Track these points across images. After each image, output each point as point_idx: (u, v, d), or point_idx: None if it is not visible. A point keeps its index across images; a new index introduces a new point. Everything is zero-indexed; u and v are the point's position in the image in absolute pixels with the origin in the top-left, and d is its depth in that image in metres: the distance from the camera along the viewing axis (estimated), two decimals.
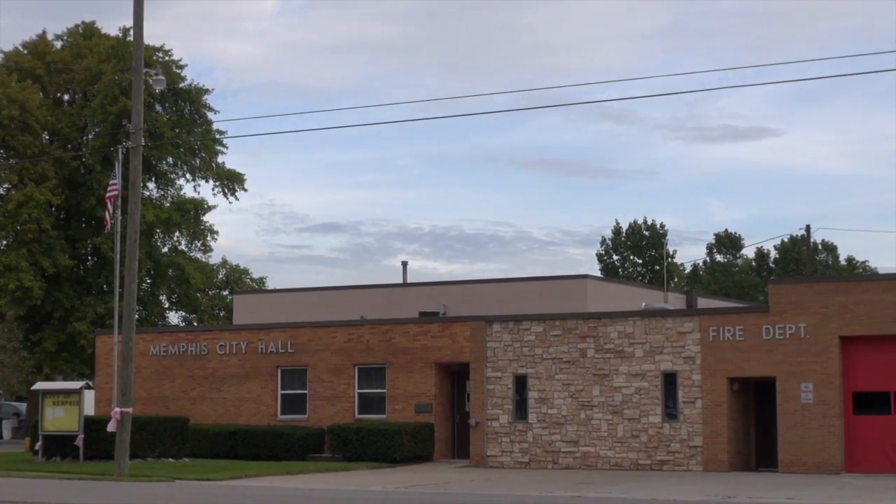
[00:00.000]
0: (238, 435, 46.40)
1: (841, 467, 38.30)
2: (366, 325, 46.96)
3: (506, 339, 43.39)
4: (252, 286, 79.14)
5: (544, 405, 42.61)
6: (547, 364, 42.66)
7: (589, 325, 42.26)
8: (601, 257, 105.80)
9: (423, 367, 45.27)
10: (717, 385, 40.19)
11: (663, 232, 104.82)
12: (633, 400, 41.29)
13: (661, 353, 41.05)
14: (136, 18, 39.47)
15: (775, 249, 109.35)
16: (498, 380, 43.39)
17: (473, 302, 50.79)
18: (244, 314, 57.27)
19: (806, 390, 38.90)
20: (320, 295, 56.54)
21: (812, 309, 39.10)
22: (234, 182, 72.50)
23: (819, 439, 38.60)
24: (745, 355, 39.86)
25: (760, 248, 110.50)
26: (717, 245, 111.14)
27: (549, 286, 51.35)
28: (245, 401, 48.32)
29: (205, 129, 71.31)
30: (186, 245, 74.32)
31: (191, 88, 70.70)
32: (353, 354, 46.62)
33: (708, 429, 40.13)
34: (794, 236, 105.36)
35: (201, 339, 49.73)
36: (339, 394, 46.64)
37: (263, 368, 48.12)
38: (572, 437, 42.08)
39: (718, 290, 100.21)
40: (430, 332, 45.43)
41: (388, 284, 58.19)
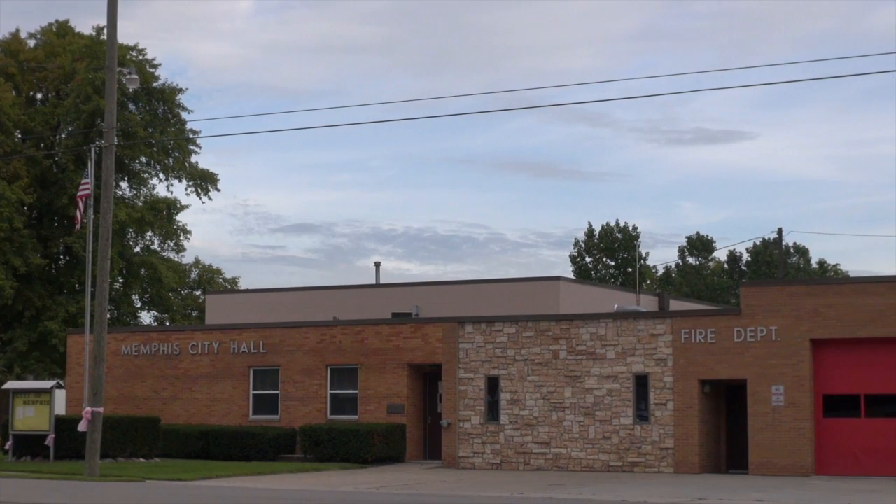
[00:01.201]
0: (209, 435, 46.32)
1: (811, 470, 38.46)
2: (338, 326, 46.93)
3: (478, 341, 43.44)
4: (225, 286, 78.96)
5: (516, 406, 42.67)
6: (519, 365, 42.73)
7: (561, 326, 42.34)
8: (574, 259, 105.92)
9: (395, 367, 45.27)
10: (688, 387, 40.32)
11: (636, 234, 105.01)
12: (605, 402, 41.39)
13: (633, 355, 41.16)
14: (109, 17, 39.38)
15: (747, 252, 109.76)
16: (470, 381, 43.44)
17: (446, 303, 50.84)
18: (216, 314, 57.19)
19: (777, 393, 39.05)
20: (293, 295, 56.51)
21: (783, 312, 39.25)
22: (208, 182, 72.40)
23: (789, 442, 38.75)
24: (717, 358, 40.00)
25: (732, 250, 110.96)
26: (689, 248, 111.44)
27: (522, 288, 51.44)
28: (217, 401, 48.24)
29: (178, 129, 71.15)
30: (159, 245, 74.19)
31: (164, 88, 70.56)
32: (326, 355, 46.58)
33: (679, 431, 40.25)
34: (766, 239, 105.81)
35: (173, 339, 49.62)
36: (311, 394, 46.59)
37: (235, 369, 48.05)
38: (544, 438, 42.15)
39: (690, 292, 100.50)
40: (403, 332, 45.42)
41: (361, 285, 58.16)
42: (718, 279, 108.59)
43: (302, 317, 50.76)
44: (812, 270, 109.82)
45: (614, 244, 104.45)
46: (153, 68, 70.48)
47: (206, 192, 72.53)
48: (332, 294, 55.43)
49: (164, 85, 70.73)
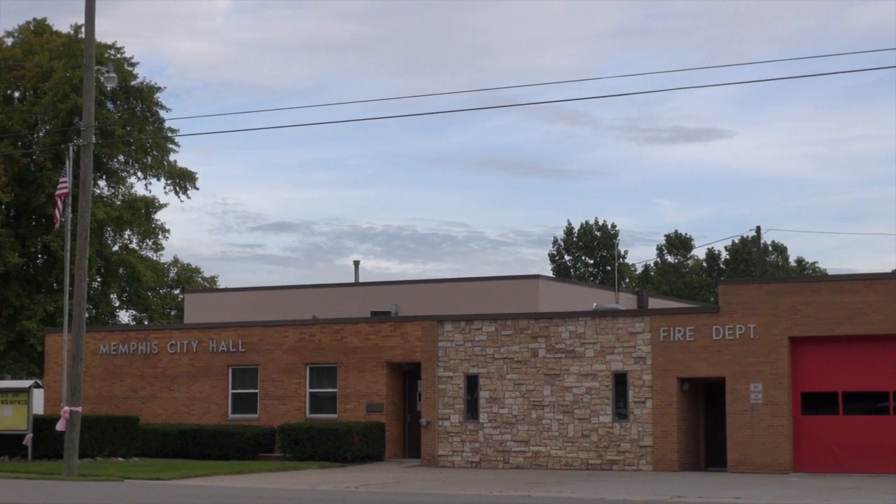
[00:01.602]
0: (188, 434, 46.24)
1: (789, 467, 38.57)
2: (317, 325, 46.90)
3: (457, 339, 43.45)
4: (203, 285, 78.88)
5: (495, 405, 42.70)
6: (498, 364, 42.75)
7: (540, 325, 42.37)
8: (553, 257, 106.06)
9: (374, 366, 45.25)
10: (667, 385, 40.39)
11: (615, 232, 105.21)
12: (584, 400, 41.44)
13: (612, 353, 41.21)
14: (87, 16, 39.26)
15: (726, 250, 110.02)
16: (449, 379, 43.45)
17: (425, 301, 50.85)
18: (195, 313, 57.10)
19: (755, 390, 39.14)
20: (272, 294, 56.46)
21: (762, 310, 39.35)
22: (186, 180, 72.33)
23: (768, 439, 38.85)
24: (696, 355, 40.07)
25: (711, 248, 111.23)
26: (667, 246, 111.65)
27: (501, 286, 51.47)
28: (196, 400, 48.15)
29: (156, 127, 71.10)
30: (137, 243, 74.07)
31: (142, 86, 70.47)
32: (305, 354, 46.54)
33: (658, 429, 40.32)
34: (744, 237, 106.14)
35: (152, 338, 49.52)
36: (290, 393, 46.54)
37: (214, 368, 47.97)
38: (523, 436, 42.18)
39: (669, 290, 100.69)
40: (382, 331, 45.41)
41: (340, 284, 58.15)
42: (697, 277, 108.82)
43: (281, 315, 50.71)
44: (790, 268, 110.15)
45: (593, 242, 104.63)
46: (131, 67, 70.41)
47: (185, 191, 72.48)
48: (312, 293, 55.39)
49: (143, 83, 70.64)
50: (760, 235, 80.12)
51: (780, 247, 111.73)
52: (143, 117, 71.09)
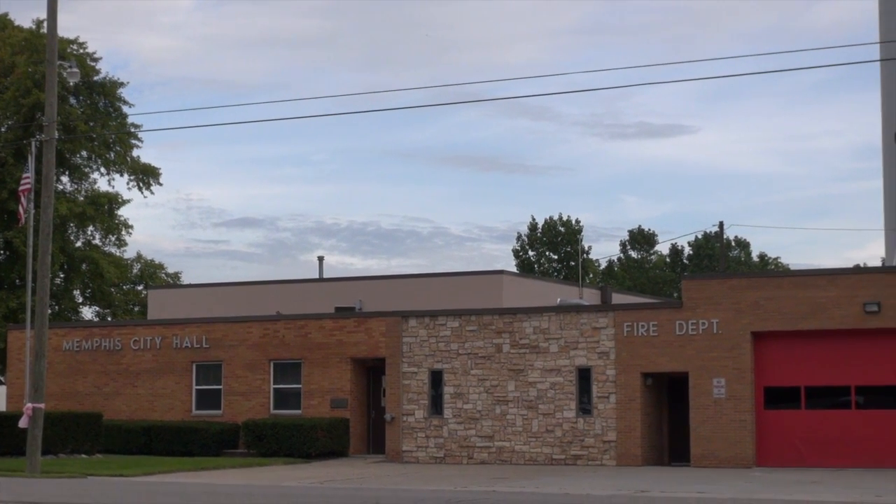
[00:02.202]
0: (152, 431, 46.10)
1: (752, 461, 38.75)
2: (281, 321, 46.84)
3: (422, 335, 43.47)
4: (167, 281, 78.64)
5: (460, 400, 42.74)
6: (462, 359, 42.79)
7: (504, 320, 42.43)
8: (517, 253, 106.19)
9: (338, 362, 45.22)
10: (630, 380, 40.52)
11: (579, 228, 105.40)
12: (548, 395, 41.52)
13: (576, 348, 41.31)
14: (49, 10, 39.07)
15: (689, 246, 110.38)
16: (413, 375, 43.47)
17: (390, 297, 50.84)
18: (159, 309, 56.92)
19: (718, 385, 39.30)
20: (236, 290, 56.34)
21: (724, 305, 39.51)
22: (149, 176, 72.02)
23: (731, 433, 39.01)
24: (659, 350, 40.20)
25: (674, 244, 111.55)
26: (631, 241, 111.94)
27: (465, 282, 51.52)
28: (159, 396, 48.02)
29: (119, 123, 70.75)
30: (100, 239, 73.70)
31: (105, 81, 70.13)
32: (269, 350, 46.47)
33: (622, 424, 40.44)
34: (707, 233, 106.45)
35: (115, 334, 49.35)
36: (254, 389, 46.47)
37: (178, 364, 47.84)
38: (487, 432, 42.24)
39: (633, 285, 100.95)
40: (346, 327, 45.38)
41: (304, 280, 58.10)
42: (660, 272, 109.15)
43: (245, 311, 50.63)
44: (753, 264, 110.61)
45: (557, 238, 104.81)
46: (94, 62, 70.04)
47: (148, 187, 72.18)
48: (276, 288, 55.31)
49: (106, 79, 70.30)
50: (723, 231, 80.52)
51: (742, 242, 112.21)
52: (105, 113, 70.74)
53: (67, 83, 60.27)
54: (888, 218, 60.26)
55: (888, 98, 62.49)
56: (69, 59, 54.52)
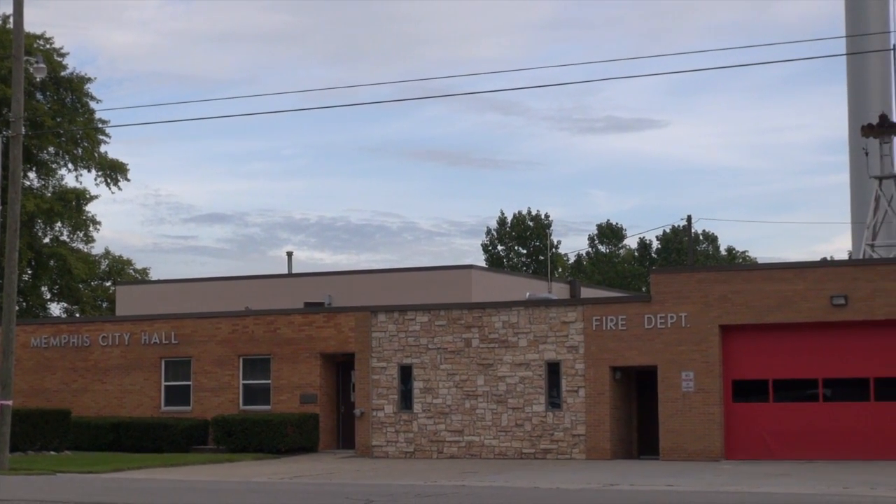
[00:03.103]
0: (121, 427, 45.97)
1: (721, 454, 38.90)
2: (250, 316, 46.76)
3: (391, 330, 43.48)
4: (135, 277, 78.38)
5: (429, 395, 42.76)
6: (432, 354, 42.82)
7: (474, 315, 42.47)
8: (486, 248, 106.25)
9: (308, 357, 45.18)
10: (599, 374, 40.62)
11: (548, 222, 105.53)
12: (518, 389, 41.58)
13: (545, 342, 41.38)
14: (15, 5, 38.89)
15: (657, 240, 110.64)
16: (383, 370, 43.48)
17: (359, 292, 50.82)
18: (127, 305, 56.75)
19: (687, 378, 39.44)
20: (205, 286, 56.23)
21: (693, 298, 39.65)
22: (117, 172, 71.79)
23: (699, 427, 39.15)
24: (628, 344, 40.31)
25: (642, 238, 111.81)
26: (599, 235, 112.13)
27: (435, 276, 51.56)
28: (128, 392, 47.87)
29: (87, 119, 70.50)
30: (68, 236, 73.46)
31: (73, 77, 69.88)
32: (238, 345, 46.39)
33: (591, 417, 40.54)
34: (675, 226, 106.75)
35: (83, 331, 49.17)
36: (223, 385, 46.39)
37: (147, 360, 47.70)
38: (457, 426, 42.29)
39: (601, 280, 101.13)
40: (316, 322, 45.34)
41: (273, 275, 58.01)
42: (629, 266, 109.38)
43: (214, 307, 50.52)
44: (721, 257, 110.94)
45: (526, 232, 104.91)
46: (61, 57, 69.79)
47: (116, 183, 71.93)
48: (245, 284, 55.23)
49: (73, 74, 70.07)
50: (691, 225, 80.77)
51: (710, 236, 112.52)
52: (73, 108, 70.50)
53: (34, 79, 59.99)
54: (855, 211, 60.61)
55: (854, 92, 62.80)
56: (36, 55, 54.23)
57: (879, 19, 60.59)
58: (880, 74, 60.92)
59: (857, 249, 56.23)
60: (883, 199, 50.39)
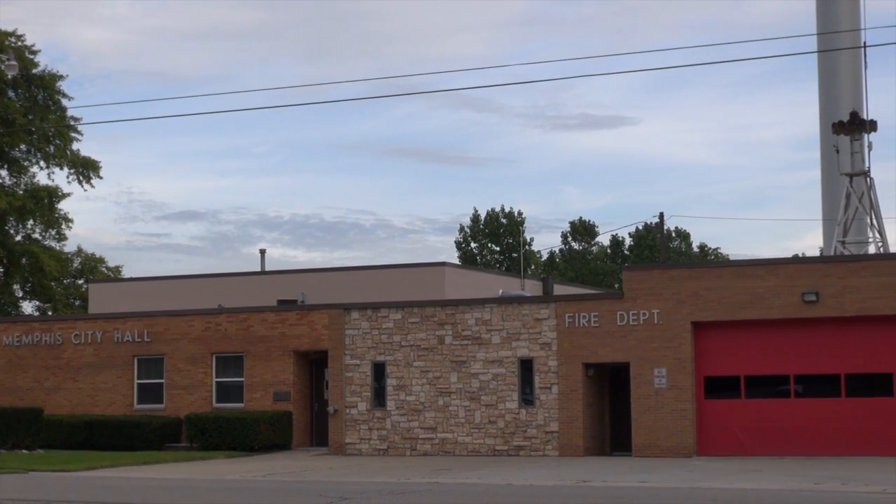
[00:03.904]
0: (94, 425, 45.88)
1: (693, 450, 39.04)
2: (223, 314, 46.71)
3: (364, 327, 43.49)
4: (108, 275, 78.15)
5: (402, 392, 42.79)
6: (405, 351, 42.85)
7: (447, 312, 42.52)
8: (459, 245, 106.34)
9: (281, 355, 45.15)
10: (572, 371, 40.70)
11: (521, 220, 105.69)
12: (491, 386, 41.64)
13: (518, 339, 41.44)
14: None
15: (630, 237, 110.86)
16: (356, 367, 43.49)
17: (332, 290, 50.79)
18: (100, 303, 56.61)
19: (659, 375, 39.57)
20: (178, 283, 56.11)
21: (665, 295, 39.76)
22: (90, 170, 71.59)
23: (672, 423, 39.29)
24: (600, 341, 40.40)
25: (615, 235, 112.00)
26: (572, 233, 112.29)
27: (408, 274, 51.56)
28: (101, 391, 47.76)
29: (59, 116, 70.31)
30: (40, 233, 73.23)
31: (44, 74, 69.66)
32: (211, 343, 46.33)
33: (564, 414, 40.63)
34: (648, 223, 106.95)
35: (56, 329, 49.04)
36: (196, 383, 46.32)
37: (119, 358, 47.60)
38: (430, 423, 42.33)
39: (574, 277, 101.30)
40: (289, 320, 45.32)
41: (246, 272, 57.92)
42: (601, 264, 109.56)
43: (187, 305, 50.41)
44: (693, 254, 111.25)
45: (499, 230, 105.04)
46: (32, 54, 69.53)
47: (88, 180, 71.74)
48: (218, 282, 55.13)
49: (45, 71, 69.85)
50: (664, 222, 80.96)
51: (683, 233, 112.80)
52: (45, 106, 70.29)
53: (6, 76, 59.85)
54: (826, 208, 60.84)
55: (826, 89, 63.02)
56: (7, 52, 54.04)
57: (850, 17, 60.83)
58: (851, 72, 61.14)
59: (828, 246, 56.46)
60: (854, 195, 50.65)
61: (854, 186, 50.52)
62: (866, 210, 50.95)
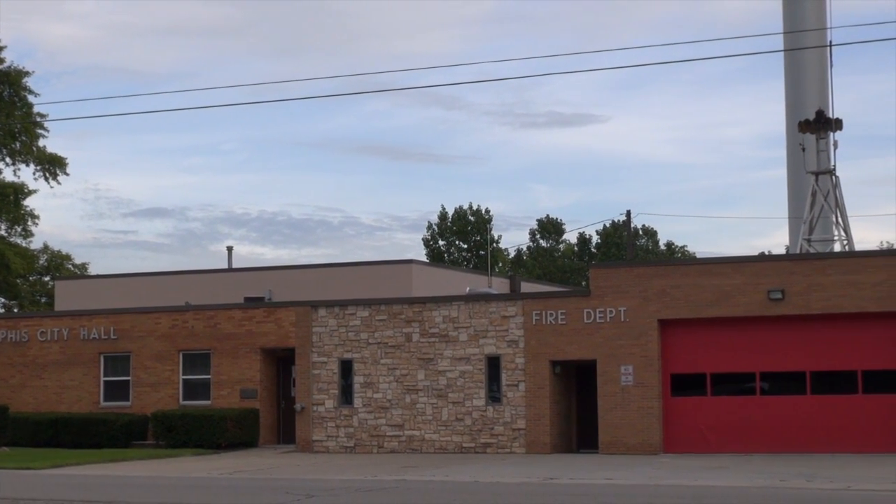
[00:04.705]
0: (59, 423, 45.71)
1: (659, 448, 39.17)
2: (190, 311, 46.61)
3: (331, 324, 43.47)
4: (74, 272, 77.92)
5: (370, 389, 42.79)
6: (372, 349, 42.85)
7: (414, 309, 42.53)
8: (427, 242, 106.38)
9: (248, 352, 45.10)
10: (539, 368, 40.77)
11: (488, 217, 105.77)
12: (458, 384, 41.69)
13: (485, 336, 41.49)
14: None
15: (597, 234, 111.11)
16: (323, 365, 43.46)
17: (300, 287, 50.78)
18: (66, 300, 56.42)
19: (626, 373, 39.67)
20: (145, 280, 55.98)
21: (632, 293, 39.87)
22: (56, 166, 71.39)
23: (638, 420, 39.40)
24: (567, 339, 40.48)
25: (582, 233, 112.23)
26: (540, 230, 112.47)
27: (375, 271, 51.57)
28: (67, 388, 47.60)
29: (25, 112, 70.03)
30: (6, 230, 72.94)
31: (10, 70, 69.38)
32: (178, 340, 46.24)
33: (531, 412, 40.69)
34: (615, 221, 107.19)
35: (21, 326, 48.83)
36: (163, 380, 46.21)
37: (86, 355, 47.45)
38: (397, 421, 42.34)
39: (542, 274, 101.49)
40: (256, 317, 45.27)
41: (214, 270, 57.83)
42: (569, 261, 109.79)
43: (154, 302, 50.31)
44: (660, 252, 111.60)
45: (467, 227, 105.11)
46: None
47: (55, 177, 71.54)
48: (185, 279, 55.03)
49: (10, 68, 69.56)
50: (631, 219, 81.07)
51: (650, 231, 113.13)
52: (10, 102, 70.00)
53: None
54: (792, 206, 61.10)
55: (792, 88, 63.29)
56: None
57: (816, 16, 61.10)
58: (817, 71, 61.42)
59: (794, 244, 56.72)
60: (819, 194, 50.89)
61: (820, 185, 50.76)
62: (832, 208, 51.20)
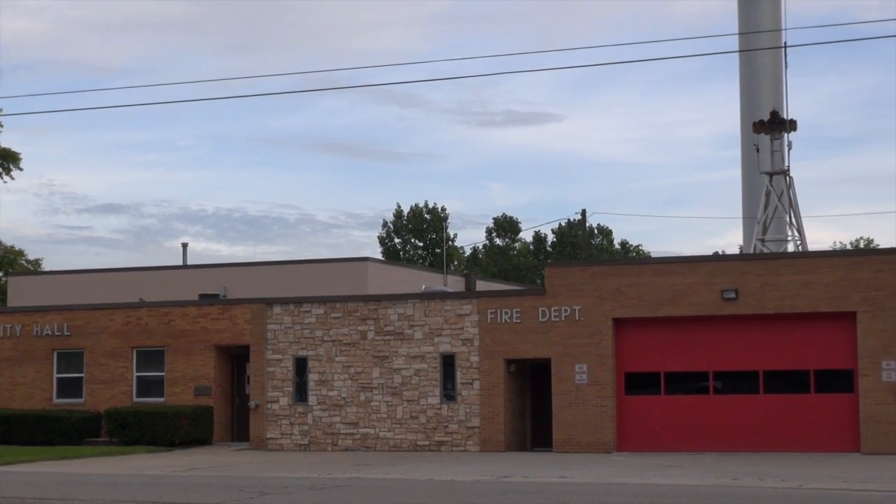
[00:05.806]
0: (11, 420, 45.43)
1: (613, 446, 39.31)
2: (144, 308, 46.44)
3: (286, 322, 43.41)
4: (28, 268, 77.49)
5: (324, 387, 42.76)
6: (327, 346, 42.81)
7: (369, 307, 42.52)
8: (383, 240, 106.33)
9: (202, 349, 44.97)
10: (494, 366, 40.84)
11: (444, 215, 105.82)
12: (413, 382, 41.71)
13: (440, 335, 41.53)
14: None
15: (552, 233, 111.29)
16: (278, 362, 43.39)
17: (255, 284, 50.69)
18: (19, 297, 56.09)
19: (580, 371, 39.79)
20: (99, 277, 55.73)
21: (586, 292, 39.99)
22: (10, 161, 71.02)
23: (592, 419, 39.52)
24: (522, 337, 40.57)
25: (538, 231, 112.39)
26: (495, 228, 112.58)
27: (331, 269, 51.53)
28: (19, 385, 47.32)
29: None
30: None
31: None
32: (131, 337, 46.05)
33: (485, 410, 40.76)
34: (570, 220, 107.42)
35: None
36: (116, 377, 46.02)
37: (38, 352, 47.18)
38: (352, 418, 42.32)
39: (497, 273, 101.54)
40: (210, 314, 45.14)
41: (168, 266, 57.62)
42: (524, 260, 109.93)
43: (108, 299, 50.07)
44: (615, 251, 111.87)
45: (423, 225, 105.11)
46: None
47: (8, 172, 71.19)
48: (139, 275, 54.84)
49: None
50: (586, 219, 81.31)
51: (605, 230, 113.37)
52: None
53: None
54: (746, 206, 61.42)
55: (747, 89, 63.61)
56: None
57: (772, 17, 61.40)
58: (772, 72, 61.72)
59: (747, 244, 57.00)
60: (773, 194, 51.15)
61: (774, 185, 51.02)
62: (785, 208, 51.48)
